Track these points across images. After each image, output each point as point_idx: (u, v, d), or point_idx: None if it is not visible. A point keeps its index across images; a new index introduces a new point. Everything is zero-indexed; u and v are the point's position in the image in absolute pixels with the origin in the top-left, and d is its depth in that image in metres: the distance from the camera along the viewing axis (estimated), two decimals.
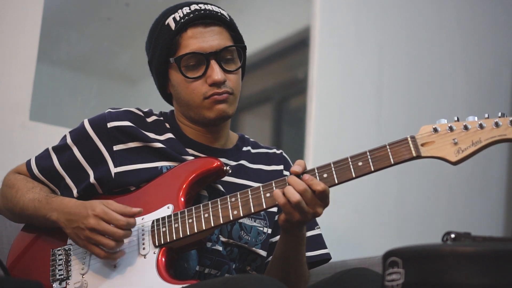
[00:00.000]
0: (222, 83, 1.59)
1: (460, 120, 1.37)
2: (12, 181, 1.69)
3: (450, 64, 3.44)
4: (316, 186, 1.40)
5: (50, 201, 1.58)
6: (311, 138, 2.90)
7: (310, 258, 1.69)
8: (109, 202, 1.51)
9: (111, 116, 1.66)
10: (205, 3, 1.66)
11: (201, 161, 1.60)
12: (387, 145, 1.39)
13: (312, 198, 1.40)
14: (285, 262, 1.57)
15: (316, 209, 1.41)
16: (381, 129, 3.09)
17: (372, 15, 3.17)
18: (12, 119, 2.25)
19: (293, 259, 1.57)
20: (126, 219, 1.48)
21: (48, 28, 2.40)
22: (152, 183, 1.60)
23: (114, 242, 1.48)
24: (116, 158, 1.62)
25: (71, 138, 1.67)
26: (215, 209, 1.49)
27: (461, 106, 3.40)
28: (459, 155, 1.34)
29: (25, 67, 2.29)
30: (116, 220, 1.47)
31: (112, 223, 1.47)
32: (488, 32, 3.59)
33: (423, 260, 1.09)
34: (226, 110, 1.61)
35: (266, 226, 1.67)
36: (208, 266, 1.59)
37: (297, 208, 1.40)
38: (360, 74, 3.10)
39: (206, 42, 1.59)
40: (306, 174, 1.43)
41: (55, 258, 1.59)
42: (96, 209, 1.48)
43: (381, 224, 3.03)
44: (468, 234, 1.17)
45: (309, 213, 1.42)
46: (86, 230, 1.48)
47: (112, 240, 1.48)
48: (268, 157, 1.77)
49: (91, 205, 1.50)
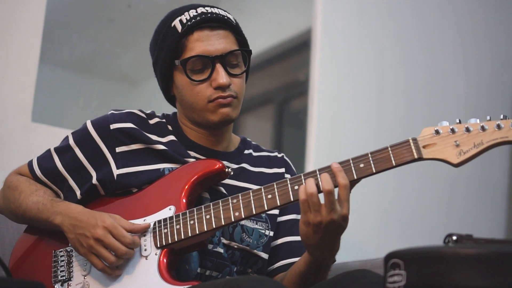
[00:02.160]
0: (227, 87, 1.59)
1: (462, 122, 1.37)
2: (14, 182, 1.68)
3: (451, 66, 3.44)
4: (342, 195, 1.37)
5: (55, 204, 1.58)
6: (313, 140, 2.90)
7: None
8: (118, 217, 1.51)
9: (114, 118, 1.66)
10: (211, 6, 1.66)
11: (203, 163, 1.60)
12: (388, 147, 1.39)
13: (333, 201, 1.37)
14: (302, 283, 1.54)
15: (331, 213, 1.36)
16: (382, 130, 3.09)
17: (373, 17, 3.17)
18: (14, 121, 2.25)
19: (311, 281, 1.53)
20: (132, 238, 1.49)
21: (51, 30, 2.41)
22: (154, 184, 1.60)
23: (115, 258, 1.48)
24: (119, 160, 1.62)
25: (74, 139, 1.67)
26: (217, 211, 1.49)
27: (462, 108, 3.40)
28: (461, 157, 1.34)
29: (27, 69, 2.30)
30: (123, 237, 1.48)
31: (118, 239, 1.48)
32: (489, 34, 3.59)
33: (425, 262, 1.09)
34: (230, 113, 1.61)
35: (268, 229, 1.67)
36: (209, 268, 1.59)
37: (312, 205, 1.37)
38: (362, 76, 3.11)
39: (212, 46, 1.59)
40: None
41: (57, 260, 1.59)
42: (106, 221, 1.48)
43: (382, 226, 3.03)
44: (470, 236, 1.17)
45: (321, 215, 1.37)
46: (91, 239, 1.48)
47: (113, 255, 1.48)
48: (270, 160, 1.77)
49: (101, 216, 1.50)
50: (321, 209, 1.37)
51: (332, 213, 1.36)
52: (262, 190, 1.46)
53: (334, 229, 1.39)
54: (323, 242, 1.41)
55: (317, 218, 1.37)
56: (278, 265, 1.70)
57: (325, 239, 1.41)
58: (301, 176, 1.45)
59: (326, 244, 1.42)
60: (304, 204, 1.38)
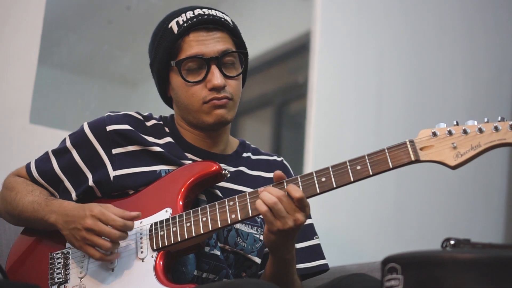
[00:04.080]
0: (221, 88, 1.59)
1: (459, 124, 1.36)
2: (12, 183, 1.68)
3: (449, 68, 3.44)
4: (294, 193, 1.40)
5: (50, 203, 1.58)
6: (311, 142, 2.90)
7: (307, 270, 1.68)
8: (107, 205, 1.51)
9: (111, 120, 1.66)
10: (209, 8, 1.66)
11: (200, 165, 1.60)
12: (385, 149, 1.39)
13: (289, 204, 1.40)
14: (275, 282, 1.54)
15: (296, 215, 1.40)
16: (380, 133, 3.08)
17: (372, 20, 3.17)
18: (12, 122, 2.25)
19: (282, 279, 1.55)
20: (123, 221, 1.48)
21: (49, 31, 2.40)
22: (151, 186, 1.60)
23: (110, 244, 1.47)
24: (115, 162, 1.62)
25: (71, 141, 1.67)
26: (213, 213, 1.49)
27: (460, 111, 3.40)
28: (458, 159, 1.33)
29: (26, 70, 2.29)
30: (113, 221, 1.47)
31: (109, 224, 1.47)
32: (488, 37, 3.59)
33: (422, 267, 1.08)
34: (225, 115, 1.61)
35: (262, 234, 1.66)
36: (206, 271, 1.58)
37: (277, 214, 1.39)
38: (360, 79, 3.10)
39: (208, 47, 1.59)
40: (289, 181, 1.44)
41: (53, 262, 1.59)
42: (94, 210, 1.48)
43: (380, 229, 3.02)
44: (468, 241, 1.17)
45: (289, 219, 1.40)
46: (83, 231, 1.48)
47: (108, 241, 1.47)
48: (268, 164, 1.77)
49: (89, 206, 1.50)
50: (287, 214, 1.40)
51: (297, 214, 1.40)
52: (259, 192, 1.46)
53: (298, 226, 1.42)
54: (289, 241, 1.46)
55: (288, 223, 1.40)
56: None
57: (291, 238, 1.46)
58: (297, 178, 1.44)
59: (291, 241, 1.48)
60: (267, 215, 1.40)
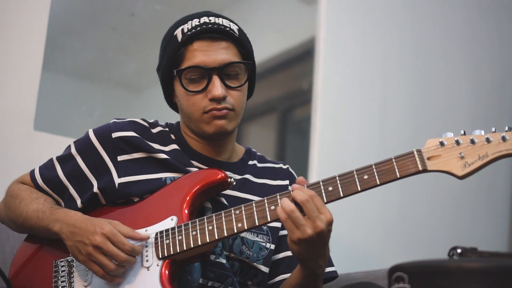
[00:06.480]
0: (222, 99, 1.57)
1: (466, 133, 1.36)
2: (16, 191, 1.68)
3: (455, 76, 3.44)
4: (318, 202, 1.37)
5: (54, 212, 1.57)
6: (316, 148, 2.89)
7: None
8: (117, 223, 1.50)
9: (116, 127, 1.65)
10: (217, 16, 1.64)
11: (205, 173, 1.59)
12: (393, 159, 1.38)
13: (313, 209, 1.37)
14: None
15: (316, 222, 1.36)
16: (385, 140, 3.08)
17: (377, 27, 3.17)
18: (17, 129, 2.25)
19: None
20: (131, 245, 1.47)
21: (53, 37, 2.40)
22: (156, 194, 1.59)
23: (115, 266, 1.46)
24: (120, 169, 1.61)
25: (76, 148, 1.66)
26: (219, 222, 1.48)
27: (466, 119, 3.40)
28: (466, 169, 1.33)
29: (30, 76, 2.29)
30: (122, 244, 1.46)
31: (118, 246, 1.46)
32: (494, 45, 3.59)
33: (429, 276, 1.08)
34: (225, 126, 1.59)
35: (269, 242, 1.66)
36: (211, 279, 1.57)
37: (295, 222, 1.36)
38: (365, 85, 3.10)
39: (210, 57, 1.58)
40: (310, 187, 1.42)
41: (57, 270, 1.58)
42: (105, 228, 1.47)
43: (386, 237, 3.02)
44: (475, 249, 1.16)
45: (308, 227, 1.36)
46: (90, 247, 1.47)
47: (113, 263, 1.46)
48: (274, 172, 1.76)
49: (100, 223, 1.48)
50: (306, 221, 1.36)
51: (318, 221, 1.36)
52: (265, 201, 1.45)
53: (323, 237, 1.38)
54: (316, 252, 1.41)
55: (307, 232, 1.36)
56: (278, 279, 1.68)
57: (317, 248, 1.40)
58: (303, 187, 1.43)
59: (319, 253, 1.42)
60: (287, 223, 1.37)
